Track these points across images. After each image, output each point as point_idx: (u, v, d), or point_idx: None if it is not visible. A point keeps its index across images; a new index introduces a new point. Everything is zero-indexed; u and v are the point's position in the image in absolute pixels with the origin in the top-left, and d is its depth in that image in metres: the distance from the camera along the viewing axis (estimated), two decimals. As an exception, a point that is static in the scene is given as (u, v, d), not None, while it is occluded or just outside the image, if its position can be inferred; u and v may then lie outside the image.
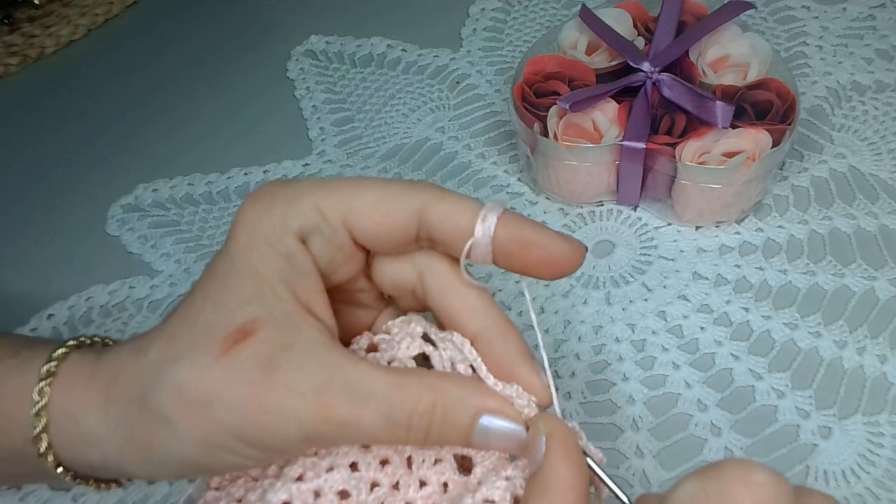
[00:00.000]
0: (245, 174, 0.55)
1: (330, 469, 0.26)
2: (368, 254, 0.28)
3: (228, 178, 0.55)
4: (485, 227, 0.26)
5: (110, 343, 0.30)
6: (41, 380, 0.27)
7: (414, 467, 0.27)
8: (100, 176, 0.57)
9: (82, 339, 0.29)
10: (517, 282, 0.27)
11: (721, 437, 0.38)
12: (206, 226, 0.53)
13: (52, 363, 0.28)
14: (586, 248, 0.27)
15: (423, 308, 0.29)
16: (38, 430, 0.27)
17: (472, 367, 0.27)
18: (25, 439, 0.27)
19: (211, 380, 0.24)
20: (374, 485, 0.26)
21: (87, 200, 0.55)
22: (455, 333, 0.27)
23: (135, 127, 0.60)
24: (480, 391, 0.26)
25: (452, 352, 0.27)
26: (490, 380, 0.26)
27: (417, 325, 0.28)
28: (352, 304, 0.30)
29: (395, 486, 0.26)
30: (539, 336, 0.28)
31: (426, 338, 0.28)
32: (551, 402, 0.27)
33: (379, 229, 0.26)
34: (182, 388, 0.25)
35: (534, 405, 0.26)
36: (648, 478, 0.38)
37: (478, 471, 0.26)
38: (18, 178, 0.58)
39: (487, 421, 0.25)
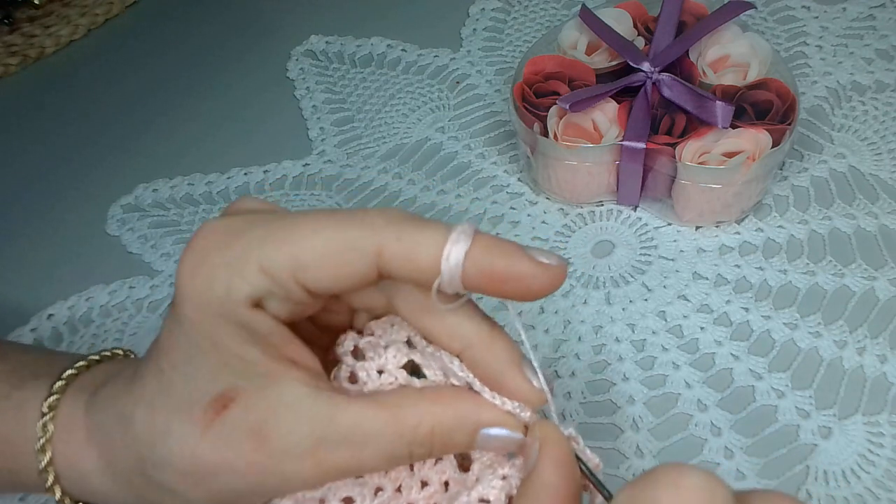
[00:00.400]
0: (245, 174, 0.55)
1: None
2: None
3: (228, 178, 0.55)
4: (451, 265, 0.23)
5: (95, 361, 0.30)
6: (40, 437, 0.27)
7: (416, 469, 0.27)
8: (100, 176, 0.57)
9: (69, 373, 0.29)
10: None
11: (721, 437, 0.38)
12: (206, 226, 0.52)
13: (48, 416, 0.28)
14: (567, 265, 0.25)
15: None
16: (49, 483, 0.28)
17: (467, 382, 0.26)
18: (38, 483, 0.28)
19: (204, 454, 0.24)
20: (377, 490, 0.26)
21: (87, 200, 0.55)
22: (442, 352, 0.26)
23: (135, 127, 0.60)
24: (476, 406, 0.25)
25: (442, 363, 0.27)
26: (486, 393, 0.26)
27: (401, 330, 0.27)
28: (327, 312, 0.28)
29: (398, 490, 0.26)
30: (526, 342, 0.26)
31: (409, 343, 0.27)
32: (545, 403, 0.26)
33: (333, 282, 0.24)
34: (178, 464, 0.24)
35: (536, 415, 0.26)
36: (648, 478, 0.38)
37: (476, 467, 0.26)
38: (18, 178, 0.58)
39: (487, 432, 0.25)
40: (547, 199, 0.50)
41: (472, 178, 0.52)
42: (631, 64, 0.46)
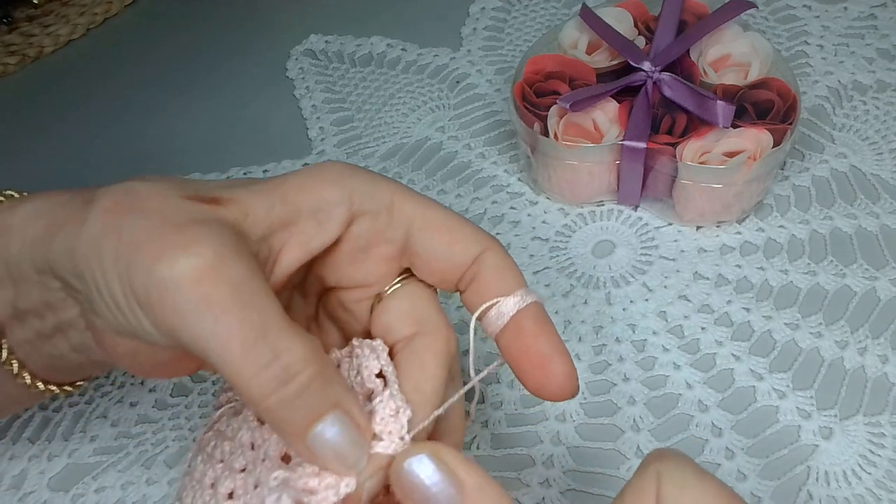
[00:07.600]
0: (244, 174, 0.55)
1: None
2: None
3: (228, 177, 0.55)
4: (509, 306, 0.28)
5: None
6: None
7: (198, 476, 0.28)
8: (98, 177, 0.56)
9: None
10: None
11: (722, 438, 0.38)
12: (205, 226, 0.52)
13: None
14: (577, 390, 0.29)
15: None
16: None
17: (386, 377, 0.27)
18: None
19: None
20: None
21: (86, 200, 0.55)
22: (378, 340, 0.28)
23: (134, 126, 0.60)
24: (348, 392, 0.25)
25: (368, 360, 0.27)
26: (395, 386, 0.26)
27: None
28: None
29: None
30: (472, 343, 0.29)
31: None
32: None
33: (443, 247, 0.29)
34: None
35: (406, 437, 0.25)
36: (649, 479, 0.38)
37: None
38: (17, 178, 0.58)
39: (337, 418, 0.24)
40: (547, 198, 0.50)
41: (472, 177, 0.52)
42: (631, 63, 0.46)
